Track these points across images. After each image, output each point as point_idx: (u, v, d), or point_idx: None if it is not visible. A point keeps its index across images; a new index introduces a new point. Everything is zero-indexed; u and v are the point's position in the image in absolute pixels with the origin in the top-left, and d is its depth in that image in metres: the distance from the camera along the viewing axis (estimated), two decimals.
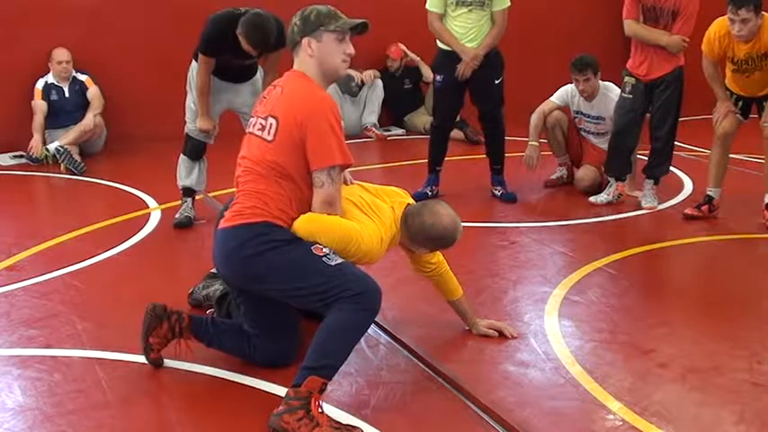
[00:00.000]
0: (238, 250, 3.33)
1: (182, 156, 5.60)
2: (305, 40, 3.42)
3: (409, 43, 8.77)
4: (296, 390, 3.09)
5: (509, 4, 5.95)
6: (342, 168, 3.43)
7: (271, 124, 3.38)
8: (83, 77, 7.71)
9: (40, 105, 7.57)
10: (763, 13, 5.33)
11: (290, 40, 3.49)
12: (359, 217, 3.50)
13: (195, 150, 5.53)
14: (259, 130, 3.43)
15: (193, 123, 5.44)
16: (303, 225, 3.35)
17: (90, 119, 7.53)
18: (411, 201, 3.78)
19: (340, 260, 3.30)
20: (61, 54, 7.63)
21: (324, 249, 3.30)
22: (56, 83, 7.65)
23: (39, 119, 7.52)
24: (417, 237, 3.65)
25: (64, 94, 7.64)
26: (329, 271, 3.25)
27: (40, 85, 7.63)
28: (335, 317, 3.20)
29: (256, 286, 3.41)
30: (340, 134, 3.37)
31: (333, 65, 3.45)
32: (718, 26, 5.51)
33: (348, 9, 3.56)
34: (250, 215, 3.35)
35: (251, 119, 3.56)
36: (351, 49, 3.47)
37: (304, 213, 3.38)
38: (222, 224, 3.44)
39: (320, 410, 3.09)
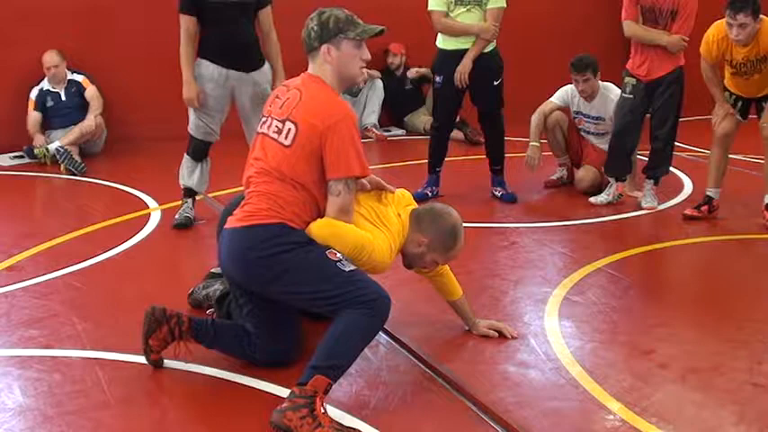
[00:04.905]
0: (252, 251, 3.32)
1: (185, 155, 5.55)
2: (324, 47, 3.43)
3: (409, 44, 8.77)
4: (301, 388, 3.09)
5: (504, 5, 5.94)
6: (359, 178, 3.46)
7: (289, 129, 3.38)
8: (79, 78, 7.65)
9: (33, 117, 7.52)
10: (761, 16, 5.33)
11: (306, 45, 3.48)
12: (369, 228, 3.51)
13: (198, 151, 5.48)
14: (275, 132, 3.42)
15: (195, 123, 5.40)
16: (319, 229, 3.36)
17: (91, 120, 7.49)
18: (414, 204, 3.80)
19: (353, 267, 3.31)
20: (50, 59, 7.51)
21: (338, 255, 3.31)
22: (50, 88, 7.58)
23: (33, 129, 7.48)
24: (429, 230, 3.63)
25: (60, 98, 7.58)
26: (343, 276, 3.26)
27: (33, 94, 7.56)
28: (347, 320, 3.21)
29: (267, 287, 3.39)
30: (359, 145, 3.40)
31: (351, 72, 3.49)
32: (716, 29, 5.50)
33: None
34: (265, 216, 3.34)
35: (263, 118, 3.55)
36: (367, 55, 3.50)
37: (317, 218, 3.40)
38: (233, 224, 3.42)
39: (323, 411, 3.09)
